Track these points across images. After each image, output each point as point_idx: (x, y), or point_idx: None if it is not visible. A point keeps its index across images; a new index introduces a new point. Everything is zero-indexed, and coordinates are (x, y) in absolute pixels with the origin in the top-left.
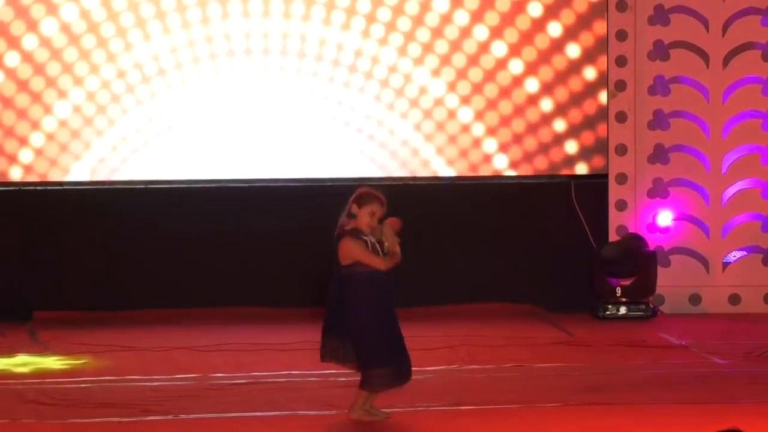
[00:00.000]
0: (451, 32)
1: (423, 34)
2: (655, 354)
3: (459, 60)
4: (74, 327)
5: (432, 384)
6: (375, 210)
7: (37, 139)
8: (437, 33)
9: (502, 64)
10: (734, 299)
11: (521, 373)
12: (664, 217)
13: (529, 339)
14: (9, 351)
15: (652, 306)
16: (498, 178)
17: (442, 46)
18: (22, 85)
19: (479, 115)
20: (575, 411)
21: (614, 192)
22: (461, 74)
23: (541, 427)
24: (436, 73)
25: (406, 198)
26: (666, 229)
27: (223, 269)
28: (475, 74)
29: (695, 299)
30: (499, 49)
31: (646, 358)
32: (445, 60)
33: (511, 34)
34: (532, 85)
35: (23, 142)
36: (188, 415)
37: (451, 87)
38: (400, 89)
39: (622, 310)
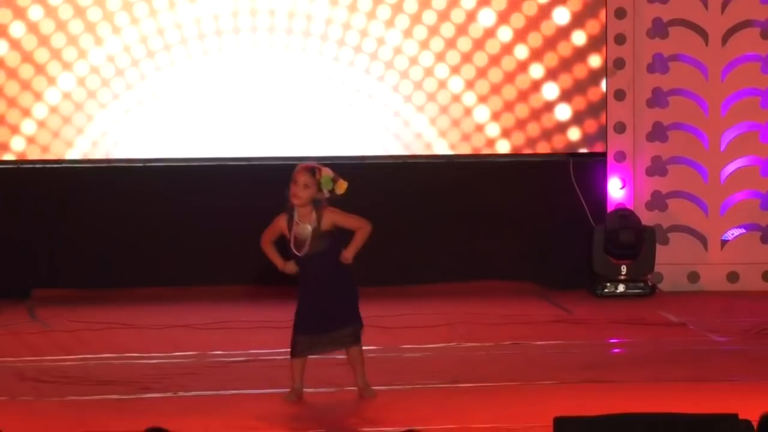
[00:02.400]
0: (458, 16)
1: (429, 17)
2: (653, 331)
3: (464, 44)
4: (73, 305)
5: (431, 361)
6: (295, 179)
7: (38, 112)
8: (443, 16)
9: (507, 49)
10: (733, 277)
11: (520, 351)
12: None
13: (528, 317)
14: (8, 328)
15: (650, 284)
16: (497, 156)
17: (447, 30)
18: (11, 73)
19: (482, 99)
20: (574, 388)
21: (613, 170)
22: (466, 58)
23: (540, 405)
24: (440, 56)
25: (406, 177)
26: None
27: (221, 247)
28: (480, 59)
29: (694, 277)
30: (504, 34)
31: (645, 336)
32: (450, 44)
33: (517, 20)
34: (536, 71)
35: (26, 113)
36: (187, 393)
37: (455, 70)
38: (404, 71)
39: (621, 287)
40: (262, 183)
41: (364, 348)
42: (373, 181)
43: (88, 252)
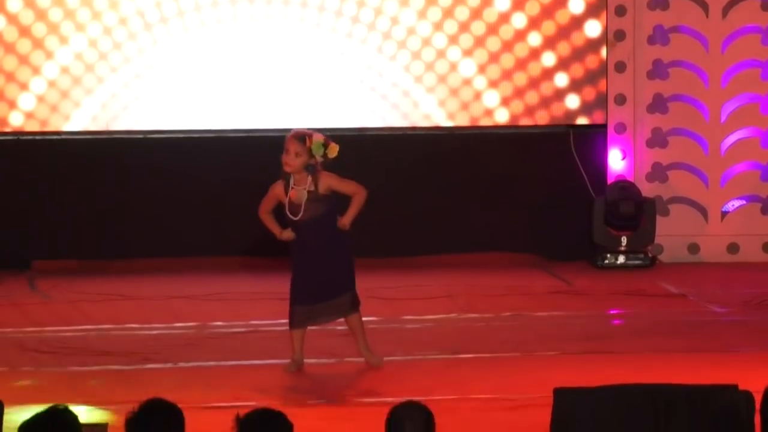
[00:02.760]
0: None
1: None
2: (653, 303)
3: (462, 13)
4: (73, 276)
5: (431, 332)
6: (286, 148)
7: (37, 86)
8: None
9: (504, 18)
10: (733, 248)
11: (520, 322)
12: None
13: (528, 288)
14: (8, 299)
15: (650, 255)
16: (497, 128)
17: None
18: (9, 48)
19: (481, 69)
20: (573, 359)
21: (613, 141)
22: (463, 27)
23: (540, 375)
24: (438, 26)
25: (406, 148)
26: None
27: (220, 218)
28: (478, 28)
29: (694, 248)
30: (502, 3)
31: (645, 307)
32: (448, 13)
33: None
34: (534, 39)
35: (24, 87)
36: (187, 363)
37: (453, 40)
38: (402, 41)
39: (621, 259)
40: (262, 154)
41: (364, 319)
42: (372, 153)
43: (88, 223)
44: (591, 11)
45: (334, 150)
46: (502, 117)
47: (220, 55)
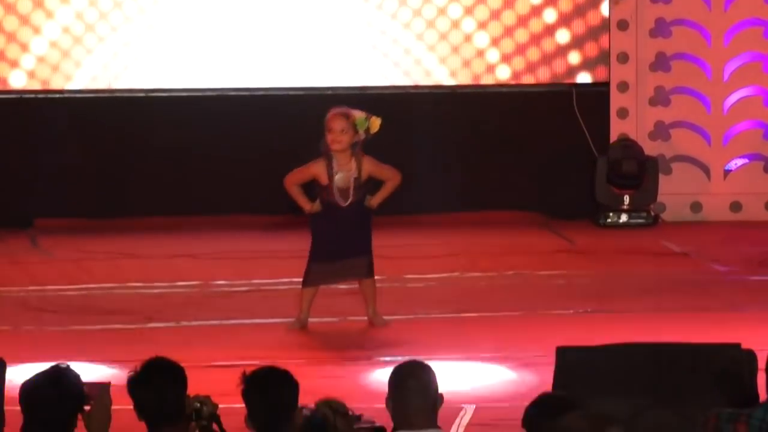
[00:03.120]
0: None
1: None
2: (656, 261)
3: None
4: (75, 234)
5: (434, 291)
6: (330, 127)
7: (38, 47)
8: None
9: None
10: (735, 206)
11: (522, 281)
12: None
13: (531, 247)
14: (11, 258)
15: (653, 214)
16: (500, 86)
17: None
18: (9, 8)
19: (482, 26)
20: (576, 318)
21: (616, 100)
22: None
23: (542, 334)
24: None
25: (409, 107)
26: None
27: (224, 177)
28: None
29: (696, 207)
30: None
31: (647, 266)
32: None
33: None
34: None
35: (25, 48)
36: (190, 322)
37: None
38: None
39: (624, 217)
40: (264, 113)
41: None
42: (374, 112)
43: (91, 181)
44: None
45: (375, 124)
46: (503, 74)
47: (220, 14)
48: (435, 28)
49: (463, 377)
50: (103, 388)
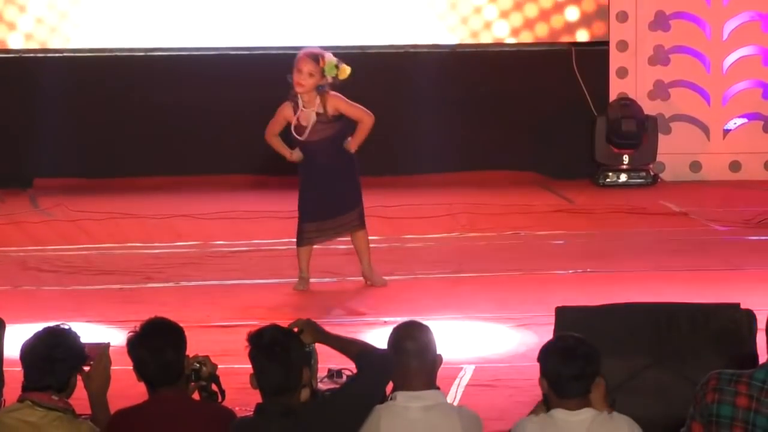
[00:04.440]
0: None
1: None
2: (655, 221)
3: None
4: (74, 194)
5: (433, 251)
6: (299, 68)
7: (35, 8)
8: None
9: None
10: (734, 166)
11: (521, 241)
12: None
13: (530, 206)
14: (10, 218)
15: (652, 173)
16: (499, 45)
17: None
18: None
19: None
20: (575, 278)
21: (615, 59)
22: None
23: (542, 294)
24: None
25: (407, 66)
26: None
27: (224, 136)
28: None
29: (696, 166)
30: None
31: (647, 226)
32: None
33: None
34: None
35: (22, 9)
36: (189, 282)
37: None
38: None
39: (623, 177)
40: (264, 72)
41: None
42: (373, 71)
43: (90, 141)
44: None
45: (345, 71)
46: (501, 31)
47: None
48: None
49: (462, 337)
50: (102, 348)
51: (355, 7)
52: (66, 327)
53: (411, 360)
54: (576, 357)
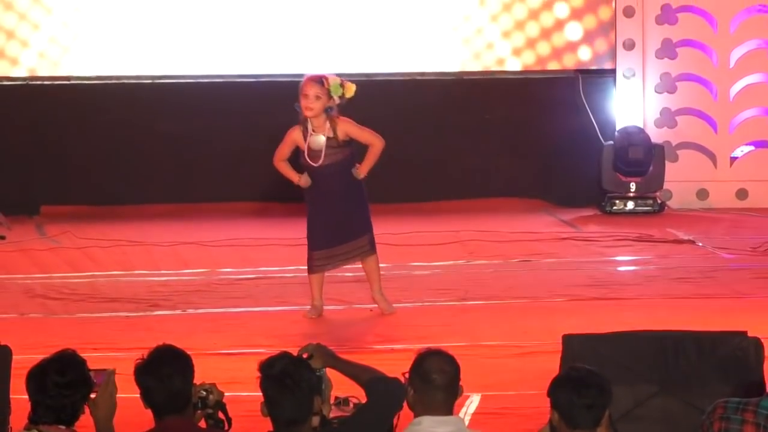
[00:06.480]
0: None
1: None
2: (662, 249)
3: None
4: (81, 221)
5: (440, 279)
6: (305, 93)
7: (46, 32)
8: None
9: None
10: (741, 194)
11: (528, 268)
12: None
13: (537, 234)
14: (17, 245)
15: (659, 201)
16: (506, 73)
17: None
18: None
19: (493, 18)
20: (582, 305)
21: (622, 87)
22: None
23: (549, 322)
24: None
25: (415, 94)
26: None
27: (231, 164)
28: None
29: (703, 194)
30: None
31: (654, 253)
32: None
33: None
34: None
35: (31, 37)
36: (196, 310)
37: None
38: None
39: (630, 204)
40: (271, 100)
41: None
42: (381, 99)
43: (98, 169)
44: None
45: (350, 89)
46: (513, 68)
47: (226, 1)
48: (445, 19)
49: (469, 365)
50: (107, 374)
51: (361, 35)
52: (73, 354)
53: (438, 392)
54: (589, 386)
